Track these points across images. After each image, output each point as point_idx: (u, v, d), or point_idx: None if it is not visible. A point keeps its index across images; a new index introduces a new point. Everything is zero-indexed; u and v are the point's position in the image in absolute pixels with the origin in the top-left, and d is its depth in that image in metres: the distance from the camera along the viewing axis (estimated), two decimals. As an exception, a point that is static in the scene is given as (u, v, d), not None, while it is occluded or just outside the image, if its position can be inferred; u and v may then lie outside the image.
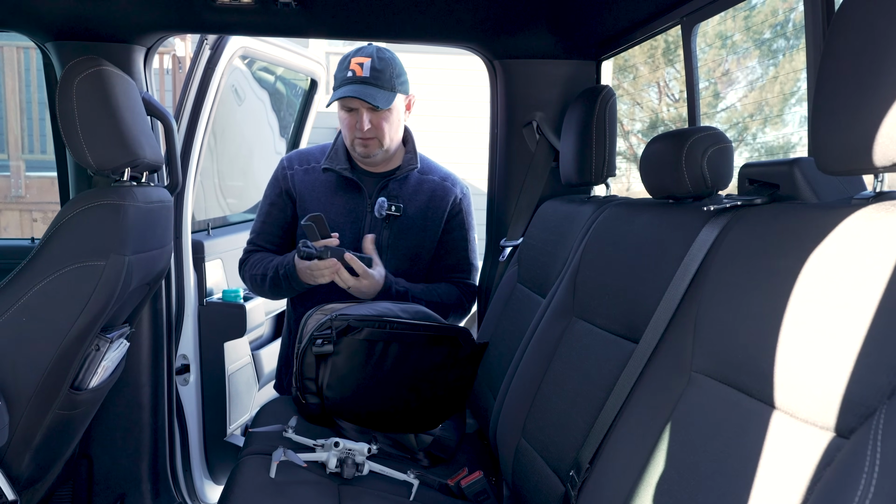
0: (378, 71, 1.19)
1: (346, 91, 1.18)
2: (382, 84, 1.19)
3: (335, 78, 1.23)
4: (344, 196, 1.27)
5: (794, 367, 0.50)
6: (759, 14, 4.31)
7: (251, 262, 1.29)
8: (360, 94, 1.17)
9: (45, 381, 0.91)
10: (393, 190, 1.27)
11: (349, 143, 1.24)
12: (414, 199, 1.28)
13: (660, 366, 0.67)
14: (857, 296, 0.45)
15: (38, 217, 3.80)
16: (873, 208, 0.49)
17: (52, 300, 0.89)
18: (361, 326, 1.09)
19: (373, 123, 1.20)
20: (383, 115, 1.20)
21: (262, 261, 1.27)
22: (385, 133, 1.22)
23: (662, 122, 5.83)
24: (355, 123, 1.20)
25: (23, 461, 0.95)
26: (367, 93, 1.18)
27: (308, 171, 1.30)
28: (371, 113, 1.20)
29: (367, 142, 1.22)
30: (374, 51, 1.21)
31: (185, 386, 1.46)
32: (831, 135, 0.50)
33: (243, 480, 0.93)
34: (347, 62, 1.21)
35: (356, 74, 1.18)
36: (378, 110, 1.19)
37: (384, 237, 1.26)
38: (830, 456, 0.45)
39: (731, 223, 0.65)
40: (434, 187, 1.29)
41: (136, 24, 1.22)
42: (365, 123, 1.19)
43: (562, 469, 0.78)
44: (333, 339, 1.07)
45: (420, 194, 1.28)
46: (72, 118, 0.90)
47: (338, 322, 1.08)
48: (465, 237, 1.32)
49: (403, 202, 1.26)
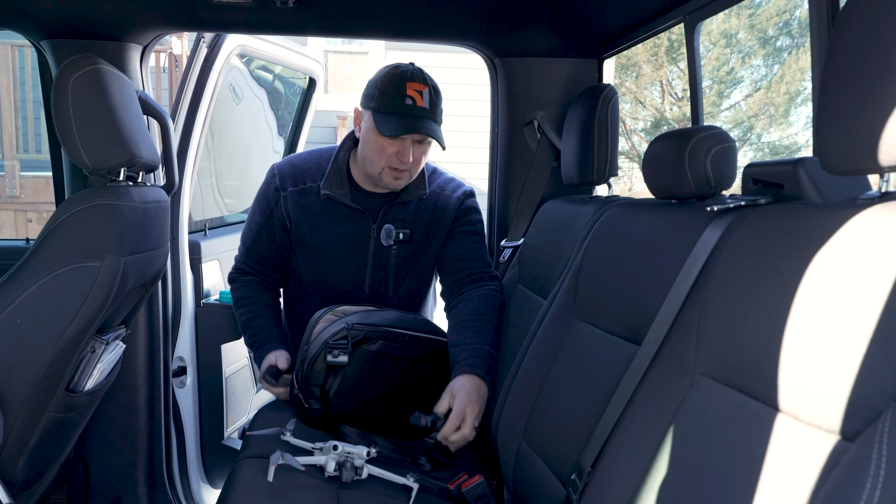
0: (434, 103, 1.10)
1: (415, 126, 1.07)
2: (437, 118, 1.11)
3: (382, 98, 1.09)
4: (345, 223, 1.18)
5: (799, 370, 0.49)
6: (764, 12, 4.30)
7: (238, 295, 1.24)
8: (429, 131, 1.08)
9: (41, 384, 0.90)
10: (398, 213, 1.19)
11: (377, 170, 1.13)
12: (419, 220, 1.20)
13: (662, 368, 0.66)
14: (863, 297, 0.45)
15: (33, 217, 3.78)
16: (879, 208, 0.48)
17: (47, 301, 0.88)
18: (375, 338, 1.06)
19: (414, 156, 1.11)
20: (426, 149, 1.13)
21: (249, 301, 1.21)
22: (420, 167, 1.15)
23: (665, 121, 5.82)
24: (396, 153, 1.10)
25: (17, 464, 0.95)
26: (434, 130, 1.09)
27: (303, 194, 1.19)
28: (416, 145, 1.11)
29: (402, 174, 1.13)
30: (427, 78, 1.11)
31: (181, 388, 1.45)
32: (836, 134, 0.50)
33: (240, 484, 0.93)
34: (403, 88, 1.09)
35: (416, 104, 1.08)
36: (423, 145, 1.11)
37: (391, 264, 1.20)
38: (835, 459, 0.44)
39: (734, 224, 0.65)
40: (434, 201, 1.21)
41: (133, 22, 1.21)
42: (410, 156, 1.10)
43: (563, 473, 0.78)
44: (350, 351, 1.04)
45: (423, 212, 1.20)
46: (67, 117, 0.90)
47: (354, 332, 1.05)
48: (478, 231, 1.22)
49: (409, 226, 1.18)
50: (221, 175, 1.87)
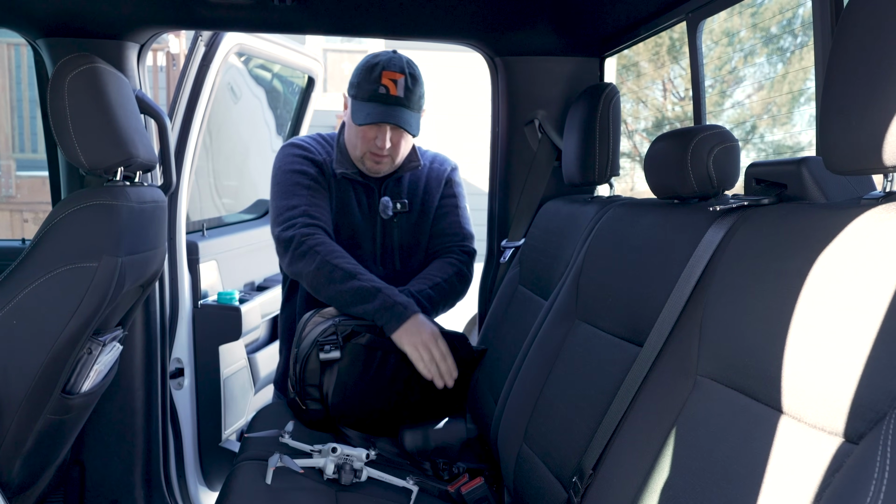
0: (410, 91, 1.13)
1: (383, 114, 1.11)
2: (412, 105, 1.14)
3: (358, 86, 1.15)
4: (359, 200, 1.23)
5: (802, 371, 0.49)
6: (767, 11, 4.28)
7: (329, 248, 1.10)
8: (396, 119, 1.12)
9: (36, 386, 0.90)
10: (393, 187, 1.24)
11: (358, 156, 1.18)
12: (414, 192, 1.26)
13: (665, 369, 0.66)
14: (867, 298, 0.44)
15: (29, 217, 3.77)
16: (883, 208, 0.48)
17: (43, 302, 0.88)
18: (363, 331, 1.07)
19: (392, 142, 1.15)
20: (405, 135, 1.16)
21: (346, 257, 1.12)
22: (400, 152, 1.18)
23: (667, 121, 5.79)
24: (374, 138, 1.15)
25: (13, 467, 0.94)
26: (403, 118, 1.12)
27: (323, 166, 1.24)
28: (393, 132, 1.14)
29: (382, 159, 1.17)
30: (406, 66, 1.14)
31: (179, 390, 1.44)
32: (840, 134, 0.50)
33: (239, 487, 0.92)
34: (378, 75, 1.13)
35: (389, 92, 1.11)
36: (401, 131, 1.15)
37: (395, 237, 1.23)
38: (839, 461, 0.44)
39: (737, 224, 0.64)
40: (426, 173, 1.27)
41: (130, 21, 1.21)
42: (387, 143, 1.14)
43: (564, 475, 0.77)
44: (340, 345, 1.04)
45: (417, 184, 1.26)
46: (63, 116, 0.89)
47: (342, 327, 1.06)
48: (456, 204, 1.27)
49: (406, 197, 1.23)
50: (219, 175, 1.86)
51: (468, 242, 1.28)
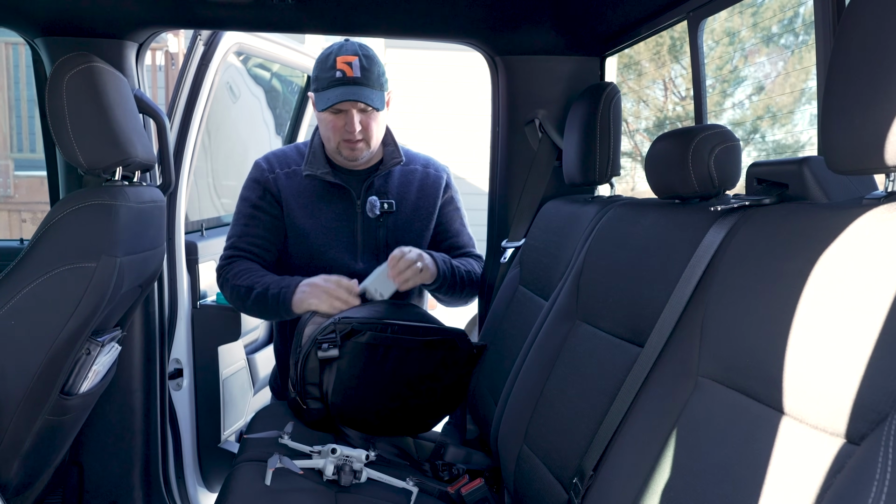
0: (367, 70, 1.16)
1: (343, 94, 1.14)
2: (372, 83, 1.17)
3: (318, 78, 1.18)
4: (331, 201, 1.24)
5: (804, 372, 0.48)
6: (768, 10, 4.27)
7: (235, 271, 1.21)
8: (357, 96, 1.14)
9: (35, 386, 0.89)
10: (380, 186, 1.25)
11: (334, 146, 1.20)
12: (404, 192, 1.27)
13: (665, 370, 0.66)
14: (868, 298, 0.44)
15: (28, 217, 3.76)
16: (885, 208, 0.48)
17: (41, 303, 0.88)
18: (364, 329, 1.07)
19: (362, 125, 1.17)
20: (372, 115, 1.18)
21: (249, 272, 1.20)
22: (373, 134, 1.20)
23: (668, 120, 5.78)
24: (343, 125, 1.17)
25: (11, 468, 0.94)
26: (364, 94, 1.15)
27: (290, 176, 1.25)
28: (361, 114, 1.17)
29: (356, 144, 1.19)
30: (359, 48, 1.18)
31: (178, 391, 1.44)
32: (842, 133, 0.49)
33: (238, 488, 0.92)
34: (332, 61, 1.16)
35: (346, 75, 1.15)
36: (368, 111, 1.17)
37: (380, 236, 1.25)
38: (841, 463, 0.44)
39: (738, 224, 0.64)
40: (420, 177, 1.29)
41: (128, 20, 1.20)
42: (356, 125, 1.16)
43: (565, 476, 0.77)
44: (338, 343, 1.05)
45: (408, 186, 1.27)
46: (61, 116, 0.89)
47: (341, 325, 1.06)
48: (461, 216, 1.33)
49: (393, 197, 1.25)
50: (218, 174, 1.85)
51: (475, 248, 1.34)
